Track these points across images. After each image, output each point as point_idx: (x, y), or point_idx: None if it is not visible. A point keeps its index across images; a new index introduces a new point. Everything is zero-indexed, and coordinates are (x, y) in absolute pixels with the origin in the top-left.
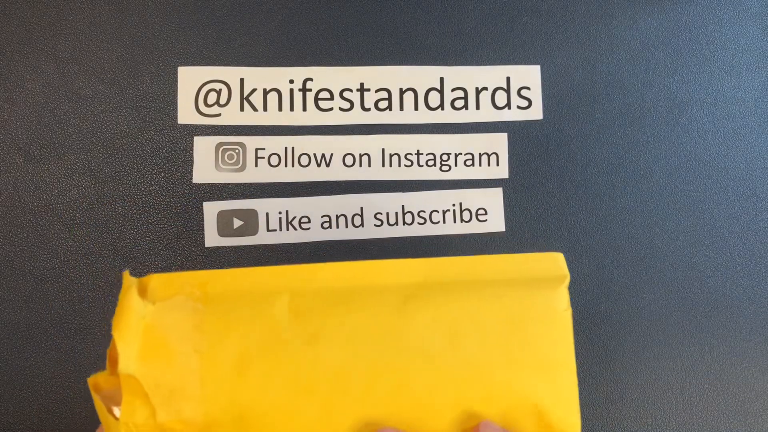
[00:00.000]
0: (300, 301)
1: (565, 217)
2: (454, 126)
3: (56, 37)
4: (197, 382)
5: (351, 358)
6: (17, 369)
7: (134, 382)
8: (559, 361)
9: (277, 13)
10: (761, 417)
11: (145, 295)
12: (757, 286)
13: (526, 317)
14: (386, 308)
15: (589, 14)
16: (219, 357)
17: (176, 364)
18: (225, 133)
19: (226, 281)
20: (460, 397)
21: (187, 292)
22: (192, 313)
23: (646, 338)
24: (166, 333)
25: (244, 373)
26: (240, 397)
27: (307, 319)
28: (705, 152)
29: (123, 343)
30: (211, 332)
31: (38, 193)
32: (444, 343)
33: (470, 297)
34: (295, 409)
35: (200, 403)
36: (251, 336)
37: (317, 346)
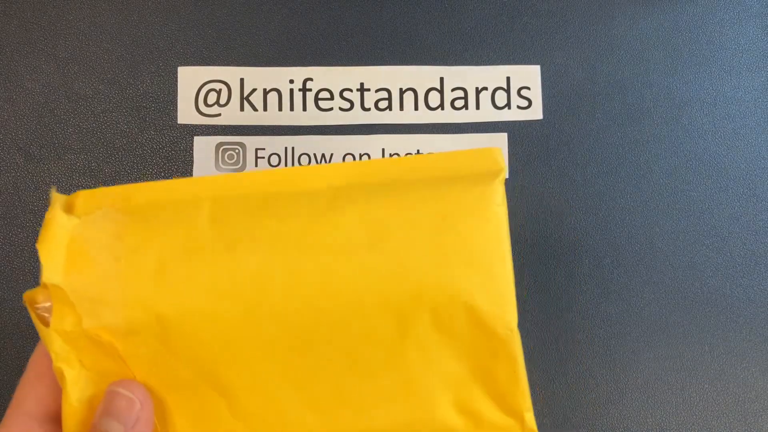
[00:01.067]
0: (221, 209)
1: (565, 217)
2: (454, 126)
3: (56, 37)
4: (117, 289)
5: (271, 261)
6: (17, 369)
7: (61, 292)
8: (493, 256)
9: (277, 13)
10: (761, 417)
11: (71, 211)
12: (757, 286)
13: (458, 213)
14: (309, 211)
15: (589, 14)
16: (138, 264)
17: (97, 273)
18: (225, 133)
19: (149, 192)
20: (386, 295)
21: (110, 205)
22: (113, 223)
23: (646, 338)
24: (88, 244)
25: (164, 279)
26: (160, 302)
27: (227, 225)
28: (705, 152)
29: (47, 255)
30: (131, 240)
31: (38, 193)
32: (369, 242)
33: (399, 195)
34: (215, 313)
35: (120, 309)
36: (170, 243)
37: (237, 251)
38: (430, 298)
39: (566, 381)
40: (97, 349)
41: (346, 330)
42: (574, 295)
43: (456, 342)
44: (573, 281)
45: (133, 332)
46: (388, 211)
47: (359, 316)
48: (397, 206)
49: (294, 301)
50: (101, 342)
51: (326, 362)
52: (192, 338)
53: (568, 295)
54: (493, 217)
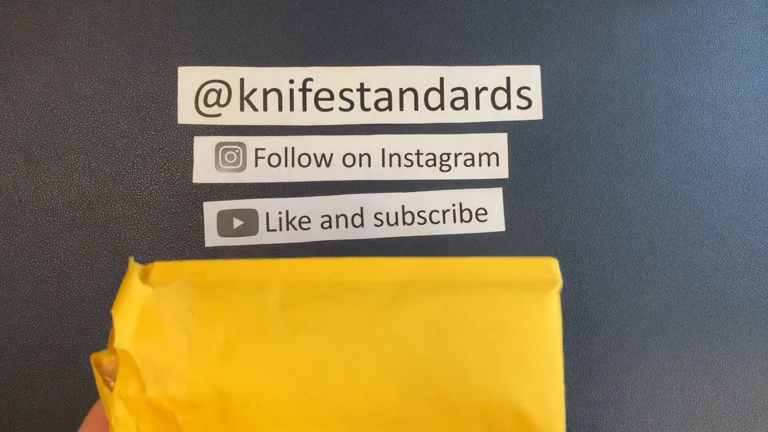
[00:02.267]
0: (290, 293)
1: (565, 217)
2: (454, 126)
3: (56, 37)
4: (185, 362)
5: (333, 349)
6: (17, 369)
7: (129, 358)
8: (546, 366)
9: (277, 13)
10: (761, 417)
11: (146, 280)
12: (757, 286)
13: (513, 320)
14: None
15: (589, 14)
16: (207, 339)
17: (167, 344)
18: (225, 133)
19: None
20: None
21: (185, 279)
22: (187, 297)
23: (646, 338)
24: (161, 314)
25: (230, 356)
26: (224, 379)
27: (294, 309)
28: (705, 152)
29: (120, 321)
30: (202, 316)
31: (38, 193)
32: (427, 340)
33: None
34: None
35: (186, 382)
36: (239, 322)
37: (301, 336)
38: (481, 402)
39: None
40: (156, 418)
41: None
42: (574, 295)
43: None
44: (573, 281)
45: (195, 405)
46: (446, 311)
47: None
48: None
49: (351, 389)
50: (162, 411)
51: None
52: (251, 417)
53: (568, 295)
54: (548, 326)
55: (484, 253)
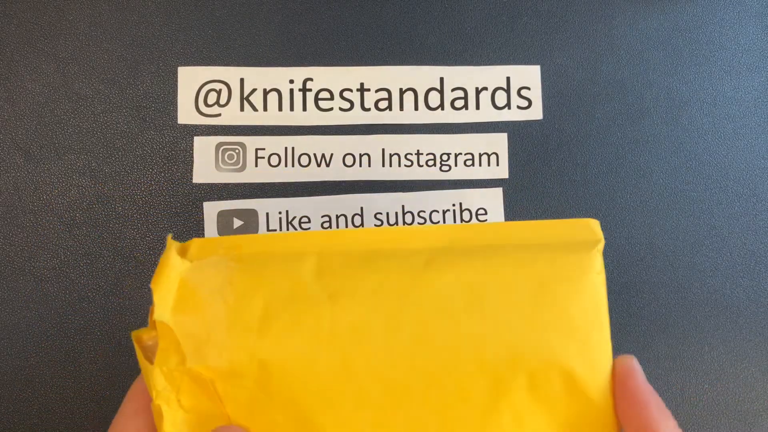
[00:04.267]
0: (326, 262)
1: (565, 217)
2: (454, 126)
3: (56, 37)
4: (224, 333)
5: (370, 315)
6: (17, 369)
7: (168, 331)
8: (591, 325)
9: (277, 13)
10: (761, 417)
11: (185, 255)
12: (757, 286)
13: (556, 280)
14: (408, 269)
15: (589, 14)
16: (245, 309)
17: (206, 315)
18: (225, 133)
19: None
20: (482, 356)
21: (222, 253)
22: (225, 269)
23: (646, 338)
24: (199, 287)
25: (268, 326)
26: (263, 348)
27: (330, 278)
28: (705, 152)
29: (159, 295)
30: (240, 287)
31: (38, 193)
32: (466, 303)
33: (496, 260)
34: (315, 361)
35: (225, 351)
36: (277, 291)
37: (338, 303)
38: (526, 363)
39: None
40: (197, 389)
41: (440, 389)
42: None
43: (551, 408)
44: None
45: (235, 375)
46: (485, 275)
47: (454, 376)
48: (494, 270)
49: (391, 355)
50: (202, 381)
51: (418, 419)
52: (290, 384)
53: None
54: (591, 285)
55: None
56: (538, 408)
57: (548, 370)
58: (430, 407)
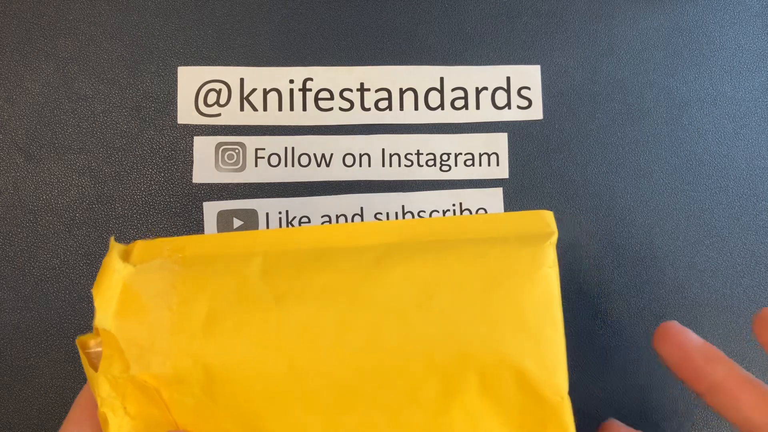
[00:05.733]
0: (272, 262)
1: (565, 216)
2: (454, 126)
3: (56, 37)
4: (167, 337)
5: (317, 316)
6: (17, 369)
7: (111, 337)
8: (543, 320)
9: (277, 13)
10: None
11: (128, 259)
12: (757, 286)
13: (508, 274)
14: (357, 267)
15: (589, 14)
16: (189, 314)
17: (149, 321)
18: (225, 133)
19: (203, 244)
20: (433, 355)
21: (166, 255)
22: (169, 273)
23: (646, 338)
24: (142, 291)
25: (212, 329)
26: (207, 352)
27: (277, 278)
28: (705, 152)
29: (101, 301)
30: (184, 290)
31: (38, 193)
32: (416, 301)
33: (447, 255)
34: (262, 364)
35: (169, 357)
36: (221, 294)
37: (285, 304)
38: (477, 361)
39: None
40: (142, 397)
41: (391, 390)
42: (574, 296)
43: (503, 407)
44: (573, 281)
45: (180, 381)
46: (437, 271)
47: (405, 376)
48: (446, 266)
49: (340, 356)
50: (147, 388)
51: (369, 420)
52: (237, 389)
53: (568, 295)
54: (544, 279)
55: None
56: (490, 407)
57: (499, 367)
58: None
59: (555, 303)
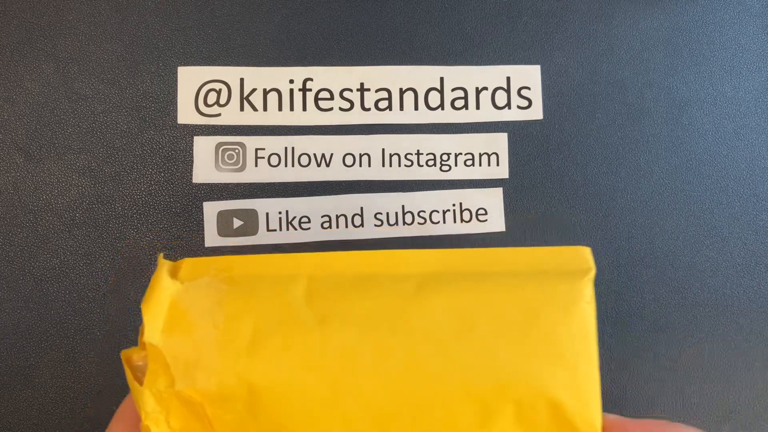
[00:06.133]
0: (316, 286)
1: (565, 216)
2: (454, 126)
3: (56, 37)
4: (213, 355)
5: (359, 340)
6: (17, 369)
7: (158, 353)
8: (579, 354)
9: (277, 13)
10: (761, 417)
11: (176, 276)
12: (757, 286)
13: (545, 308)
14: (398, 294)
15: (589, 14)
16: (235, 333)
17: (195, 338)
18: (225, 133)
19: (250, 265)
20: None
21: (213, 274)
22: (215, 292)
23: (646, 338)
24: (189, 309)
25: (258, 349)
26: (252, 371)
27: (320, 302)
28: (705, 152)
29: (149, 317)
30: (230, 309)
31: (38, 193)
32: (456, 330)
33: (486, 286)
34: (304, 386)
35: (214, 374)
36: (267, 314)
37: (327, 328)
38: (514, 391)
39: None
40: (186, 411)
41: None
42: None
43: None
44: None
45: (224, 398)
46: (476, 301)
47: (443, 403)
48: (485, 297)
49: (379, 381)
50: (192, 404)
51: None
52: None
53: None
54: (581, 314)
55: None
56: None
57: (535, 399)
58: None
59: (591, 337)
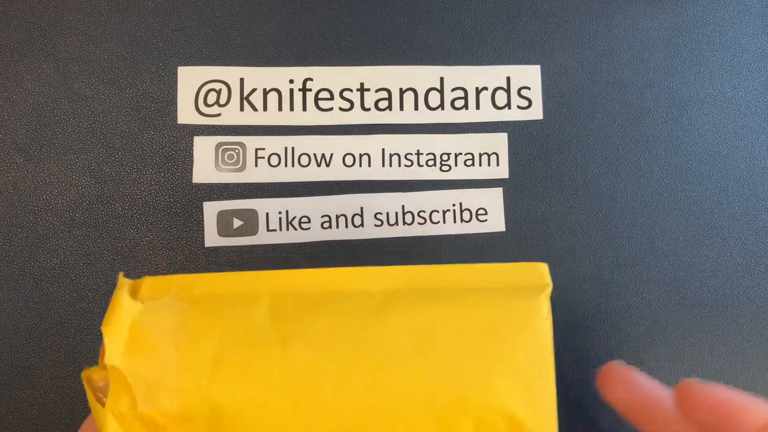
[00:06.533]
0: (279, 304)
1: (565, 216)
2: (454, 126)
3: (56, 37)
4: (175, 376)
5: (321, 359)
6: (17, 369)
7: (120, 374)
8: (537, 370)
9: (277, 13)
10: None
11: (136, 296)
12: (757, 286)
13: (503, 325)
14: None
15: (589, 14)
16: (197, 353)
17: (157, 359)
18: (225, 133)
19: (212, 284)
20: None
21: (174, 293)
22: (177, 311)
23: (646, 338)
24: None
25: (220, 369)
26: (215, 391)
27: (283, 320)
28: (705, 152)
29: (110, 338)
30: (192, 330)
31: (38, 193)
32: (416, 347)
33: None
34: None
35: (177, 395)
36: (229, 335)
37: (290, 347)
38: (473, 407)
39: (566, 381)
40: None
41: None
42: (574, 295)
43: None
44: (573, 281)
45: (187, 419)
46: (435, 319)
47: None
48: (444, 314)
49: (342, 398)
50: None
51: None
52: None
53: (568, 295)
54: (538, 329)
55: (484, 252)
56: None
57: (493, 414)
58: None
59: (548, 353)
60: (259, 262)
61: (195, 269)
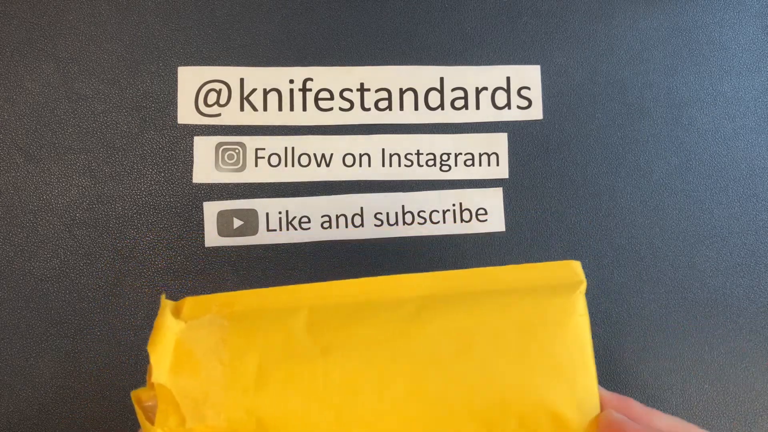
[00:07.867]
0: (317, 317)
1: (565, 217)
2: (454, 126)
3: (56, 37)
4: (221, 391)
5: (362, 368)
6: (17, 369)
7: (167, 392)
8: (577, 366)
9: (277, 13)
10: (761, 417)
11: (179, 316)
12: (757, 286)
13: (541, 323)
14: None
15: (589, 14)
16: (240, 368)
17: (202, 375)
18: (225, 133)
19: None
20: (473, 403)
21: (215, 311)
22: (219, 328)
23: (646, 338)
24: (194, 347)
25: (263, 383)
26: (259, 405)
27: (321, 332)
28: (705, 152)
29: (156, 358)
30: (234, 346)
31: (38, 193)
32: (456, 350)
33: (483, 306)
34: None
35: (223, 410)
36: (270, 349)
37: (330, 358)
38: (516, 407)
39: None
40: None
41: None
42: None
43: None
44: None
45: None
46: (473, 322)
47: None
48: (481, 317)
49: (383, 406)
50: None
51: None
52: None
53: None
54: (576, 326)
55: (484, 252)
56: None
57: (537, 412)
58: None
59: (587, 349)
60: (259, 262)
61: (195, 269)
